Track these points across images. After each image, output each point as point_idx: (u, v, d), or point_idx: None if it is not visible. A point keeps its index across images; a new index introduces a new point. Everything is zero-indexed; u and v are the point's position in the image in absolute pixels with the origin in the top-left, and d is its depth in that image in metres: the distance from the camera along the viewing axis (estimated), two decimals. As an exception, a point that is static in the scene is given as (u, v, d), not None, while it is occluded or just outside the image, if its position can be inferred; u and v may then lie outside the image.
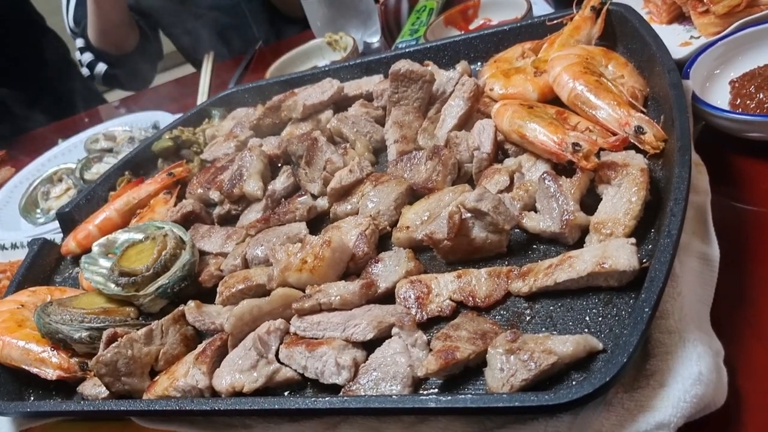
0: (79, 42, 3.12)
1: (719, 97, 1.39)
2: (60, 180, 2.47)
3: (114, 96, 3.73)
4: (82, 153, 2.55)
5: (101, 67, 3.11)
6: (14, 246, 2.09)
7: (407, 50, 1.87)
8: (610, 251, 1.04)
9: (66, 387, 1.41)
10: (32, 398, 1.43)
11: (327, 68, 1.99)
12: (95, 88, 3.70)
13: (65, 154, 2.65)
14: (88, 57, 3.10)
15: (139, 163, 2.04)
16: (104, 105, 3.32)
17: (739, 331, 1.04)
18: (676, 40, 1.61)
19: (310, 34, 2.61)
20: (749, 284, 1.11)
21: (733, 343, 1.00)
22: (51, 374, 1.37)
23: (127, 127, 2.58)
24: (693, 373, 0.90)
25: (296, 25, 3.02)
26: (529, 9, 1.96)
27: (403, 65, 1.57)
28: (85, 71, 3.17)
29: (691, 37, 1.60)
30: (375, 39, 2.54)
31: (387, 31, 2.59)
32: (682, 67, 1.41)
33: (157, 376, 1.29)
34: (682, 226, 0.99)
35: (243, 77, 2.73)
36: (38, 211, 2.39)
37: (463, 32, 2.14)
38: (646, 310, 0.91)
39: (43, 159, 2.67)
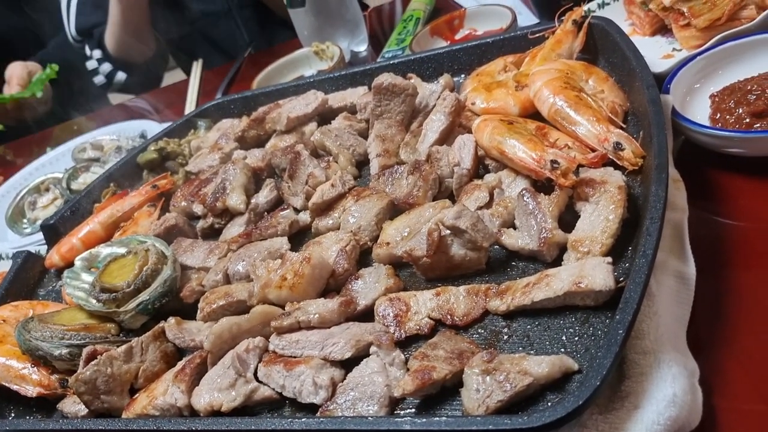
0: (97, 53, 3.12)
1: (699, 111, 1.39)
2: (47, 190, 2.46)
3: (115, 99, 3.72)
4: (69, 162, 2.54)
5: (121, 76, 3.12)
6: (-1, 257, 2.09)
7: (392, 62, 1.87)
8: (587, 270, 1.04)
9: (46, 404, 1.40)
10: (12, 416, 1.42)
11: (312, 79, 1.99)
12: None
13: (52, 164, 2.65)
14: (107, 67, 3.11)
15: (125, 175, 2.04)
16: (91, 113, 3.30)
17: (715, 350, 1.05)
18: (659, 53, 1.62)
19: (298, 42, 2.61)
20: (726, 301, 1.11)
21: (709, 362, 1.01)
22: (31, 391, 1.37)
23: (114, 136, 2.57)
24: (667, 395, 0.90)
25: (291, 29, 3.00)
26: (514, 19, 1.97)
27: (385, 79, 1.57)
28: (100, 80, 3.16)
29: (674, 49, 1.61)
30: (362, 48, 2.54)
31: (381, 34, 2.59)
32: (664, 79, 1.42)
33: (137, 394, 1.28)
34: (657, 245, 0.99)
35: (232, 85, 2.73)
36: (25, 221, 2.38)
37: (447, 43, 2.14)
38: (620, 331, 0.90)
39: (31, 168, 2.66)
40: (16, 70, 2.98)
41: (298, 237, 1.52)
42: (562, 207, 1.20)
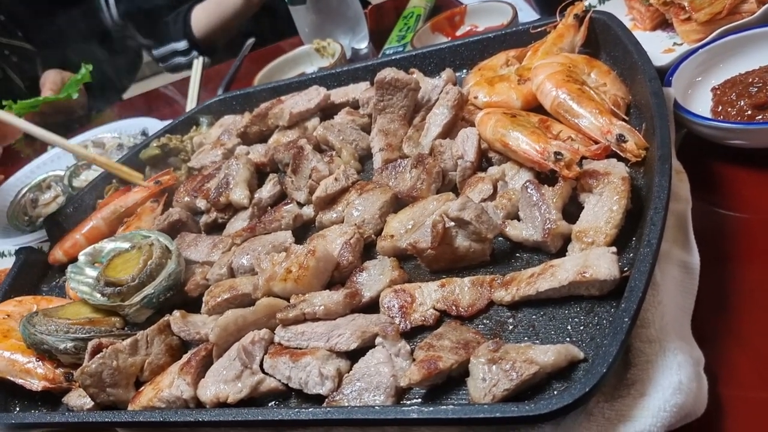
0: (182, 44, 3.17)
1: (701, 104, 1.40)
2: (48, 187, 2.45)
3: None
4: (71, 160, 2.53)
5: (206, 61, 3.08)
6: (2, 254, 2.09)
7: (394, 57, 1.87)
8: (591, 260, 1.05)
9: (51, 398, 1.41)
10: (17, 409, 1.43)
11: (314, 75, 2.00)
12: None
13: (54, 161, 2.64)
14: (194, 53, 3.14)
15: (127, 171, 2.03)
16: (93, 112, 3.30)
17: (720, 339, 1.05)
18: (660, 47, 1.62)
19: (299, 40, 2.61)
20: (730, 291, 1.12)
21: (714, 351, 1.01)
22: (36, 385, 1.37)
23: (115, 133, 2.57)
24: (673, 382, 0.91)
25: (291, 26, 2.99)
26: (515, 15, 1.97)
27: (388, 73, 1.57)
28: (179, 60, 3.20)
29: (674, 43, 1.61)
30: (363, 45, 2.55)
31: (382, 31, 2.59)
32: (666, 73, 1.42)
33: (142, 387, 1.29)
34: (662, 235, 1.00)
35: (233, 82, 2.73)
36: (26, 218, 2.37)
37: (449, 39, 2.14)
38: (626, 319, 0.91)
39: (32, 166, 2.65)
40: (50, 76, 3.00)
41: (302, 231, 1.53)
42: (566, 198, 1.20)
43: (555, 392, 0.96)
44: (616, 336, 0.90)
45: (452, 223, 1.21)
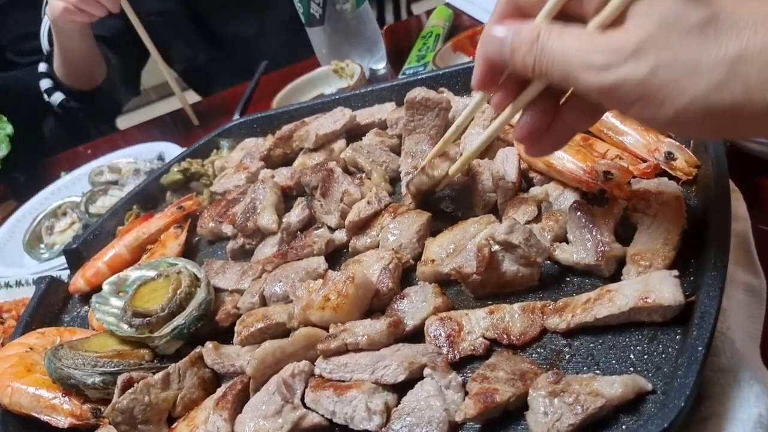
0: (45, 83, 2.96)
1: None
2: (64, 214, 2.42)
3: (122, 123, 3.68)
4: (86, 186, 2.50)
5: (57, 97, 2.94)
6: (19, 284, 2.04)
7: (419, 77, 1.84)
8: (653, 284, 1.00)
9: (78, 435, 1.35)
10: (42, 448, 1.37)
11: (336, 96, 1.96)
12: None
13: (68, 187, 2.60)
14: (58, 96, 2.96)
15: (147, 197, 2.00)
16: (107, 136, 3.28)
17: (789, 366, 1.00)
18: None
19: (314, 61, 2.59)
20: (794, 314, 1.07)
21: (784, 379, 0.96)
22: (63, 422, 1.31)
23: (131, 158, 2.53)
24: (753, 415, 0.86)
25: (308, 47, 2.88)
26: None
27: (419, 93, 1.54)
28: (56, 99, 2.98)
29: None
30: (381, 65, 2.53)
31: (399, 51, 2.57)
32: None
33: (176, 423, 1.23)
34: (728, 256, 0.95)
35: (249, 104, 2.69)
36: (42, 246, 2.33)
37: (471, 59, 2.11)
38: (700, 348, 0.86)
39: (46, 192, 2.62)
40: None
41: (333, 256, 1.48)
42: (617, 219, 1.16)
43: (624, 426, 0.91)
44: (692, 366, 0.84)
45: (498, 247, 1.16)
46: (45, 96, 2.97)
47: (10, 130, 2.80)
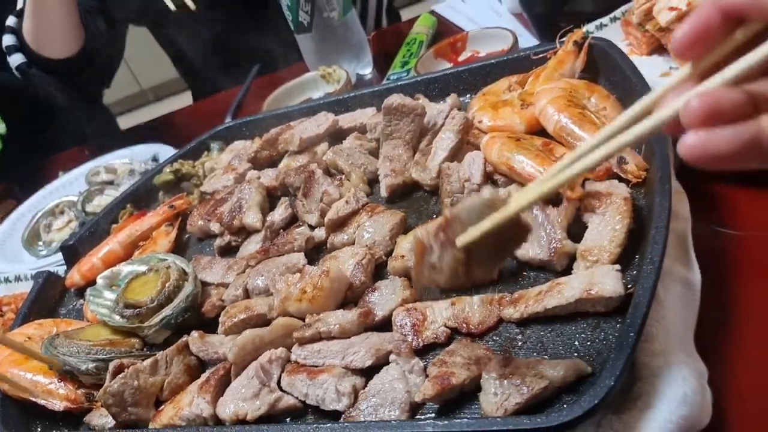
0: (10, 20, 2.66)
1: (698, 126, 1.45)
2: (62, 212, 2.51)
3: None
4: (83, 185, 2.59)
5: (17, 58, 2.65)
6: (18, 279, 2.13)
7: (399, 83, 1.93)
8: (597, 278, 1.09)
9: (72, 418, 1.44)
10: (39, 429, 1.46)
11: (322, 101, 2.06)
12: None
13: (66, 187, 2.70)
14: (18, 57, 2.66)
15: (141, 196, 2.09)
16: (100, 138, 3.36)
17: (722, 353, 1.10)
18: (657, 71, 1.68)
19: (303, 66, 2.68)
20: (731, 306, 1.17)
21: (716, 365, 1.05)
22: (58, 405, 1.41)
23: (126, 159, 2.62)
24: (678, 394, 0.95)
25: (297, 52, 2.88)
26: (515, 41, 2.04)
27: (395, 99, 1.63)
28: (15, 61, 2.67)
29: (671, 67, 1.67)
30: (367, 71, 2.61)
31: (384, 57, 2.65)
32: (663, 97, 1.48)
33: (162, 406, 1.33)
34: (664, 252, 1.04)
35: (241, 108, 2.79)
36: (40, 243, 2.43)
37: (452, 65, 2.21)
38: (631, 334, 0.95)
39: (45, 192, 2.71)
40: None
41: (314, 253, 1.57)
42: (570, 219, 1.25)
43: (565, 405, 1.00)
44: (623, 350, 0.94)
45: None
46: (6, 53, 2.71)
47: (3, 129, 2.83)
